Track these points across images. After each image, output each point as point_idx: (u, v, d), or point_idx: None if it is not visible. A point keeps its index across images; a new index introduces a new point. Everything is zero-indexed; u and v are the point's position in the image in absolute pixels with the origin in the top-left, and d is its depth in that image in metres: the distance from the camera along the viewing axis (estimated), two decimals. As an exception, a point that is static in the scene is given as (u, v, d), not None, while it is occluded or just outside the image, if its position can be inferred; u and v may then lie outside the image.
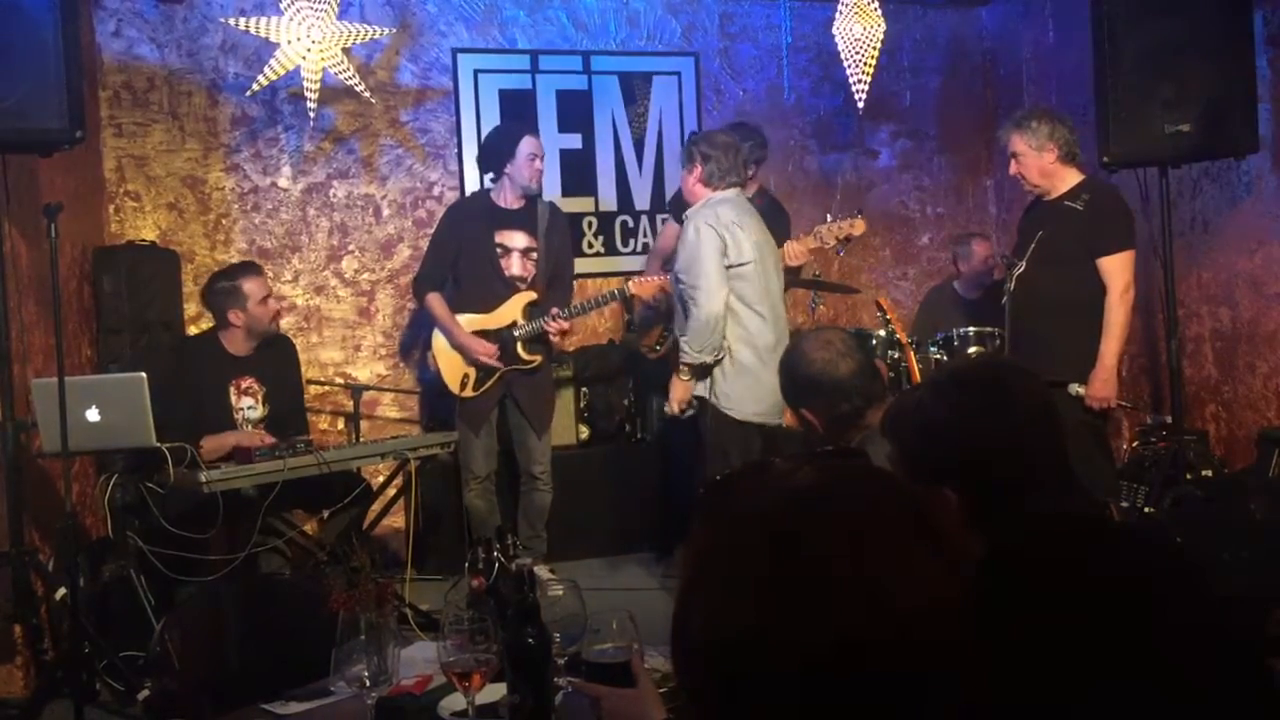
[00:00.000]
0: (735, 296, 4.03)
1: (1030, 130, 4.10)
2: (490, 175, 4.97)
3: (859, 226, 4.64)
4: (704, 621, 0.87)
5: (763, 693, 0.83)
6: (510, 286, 4.79)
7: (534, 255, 4.81)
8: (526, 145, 4.74)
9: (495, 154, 4.85)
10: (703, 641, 0.87)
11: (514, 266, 4.80)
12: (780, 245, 4.48)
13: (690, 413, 4.19)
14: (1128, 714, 1.31)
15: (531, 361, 4.77)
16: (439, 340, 4.81)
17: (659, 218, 5.92)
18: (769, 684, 0.83)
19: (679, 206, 5.47)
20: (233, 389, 4.45)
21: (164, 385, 4.30)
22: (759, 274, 4.06)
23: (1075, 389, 3.95)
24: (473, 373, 4.75)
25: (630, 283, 4.88)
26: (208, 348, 4.50)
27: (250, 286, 4.42)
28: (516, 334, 4.74)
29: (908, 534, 0.86)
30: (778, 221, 4.81)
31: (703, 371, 4.10)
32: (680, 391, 4.16)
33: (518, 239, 4.80)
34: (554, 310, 4.72)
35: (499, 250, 4.78)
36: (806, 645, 0.82)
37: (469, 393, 4.77)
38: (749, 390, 4.03)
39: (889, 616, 0.82)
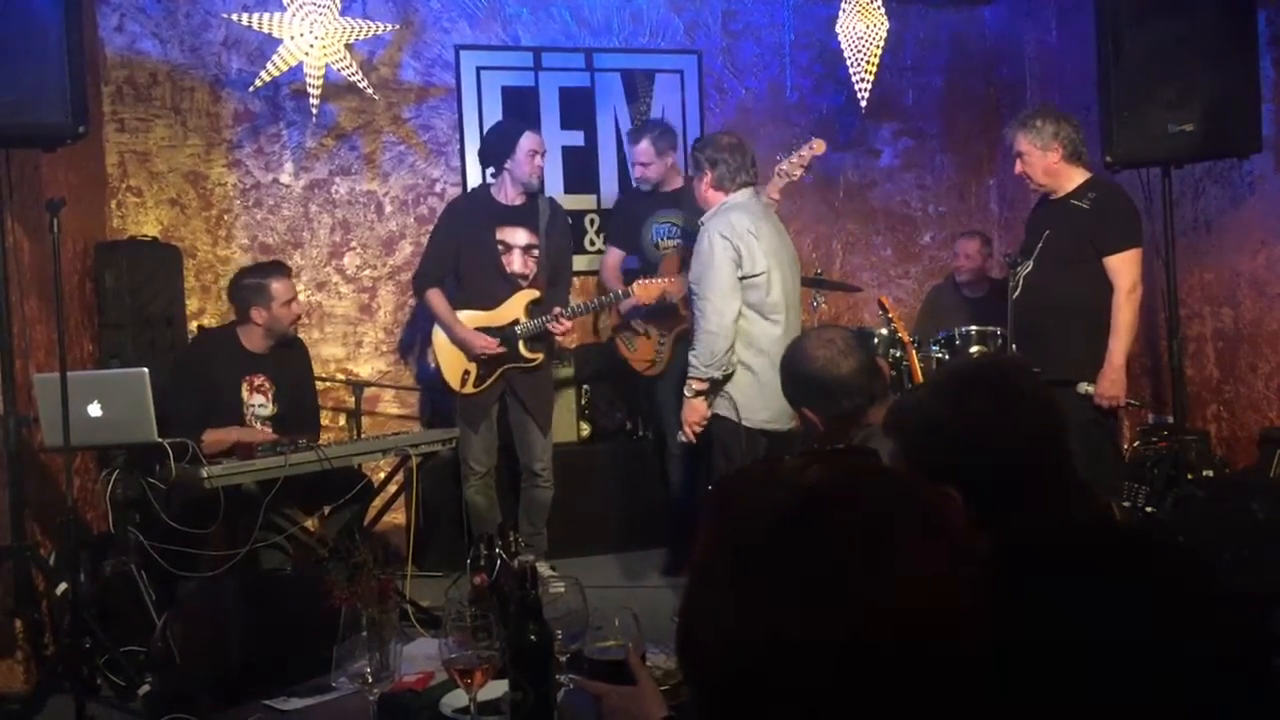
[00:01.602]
0: (749, 306, 3.99)
1: (1035, 130, 4.09)
2: (491, 171, 4.97)
3: (819, 146, 4.60)
4: (711, 619, 0.87)
5: (770, 691, 0.83)
6: (512, 284, 4.78)
7: (535, 252, 4.81)
8: (527, 141, 4.73)
9: (496, 150, 4.84)
10: (710, 639, 0.87)
11: (515, 264, 4.79)
12: None
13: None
14: (1131, 715, 1.31)
15: (533, 360, 4.77)
16: (439, 336, 4.81)
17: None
18: (776, 682, 0.83)
19: (618, 229, 5.45)
20: (245, 385, 4.46)
21: (175, 376, 4.33)
22: (775, 281, 4.02)
23: (1084, 388, 3.95)
24: (473, 369, 4.75)
25: (635, 284, 4.87)
26: (225, 342, 4.52)
27: (278, 287, 4.45)
28: (519, 331, 4.73)
29: (916, 532, 0.86)
30: None
31: (712, 387, 4.04)
32: (692, 413, 4.02)
33: (519, 236, 4.79)
34: (557, 310, 4.72)
35: (500, 247, 4.77)
36: (814, 643, 0.82)
37: (469, 389, 4.76)
38: (760, 398, 3.99)
39: (897, 614, 0.82)
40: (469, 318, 4.75)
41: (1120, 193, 4.17)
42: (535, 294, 4.79)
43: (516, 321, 4.75)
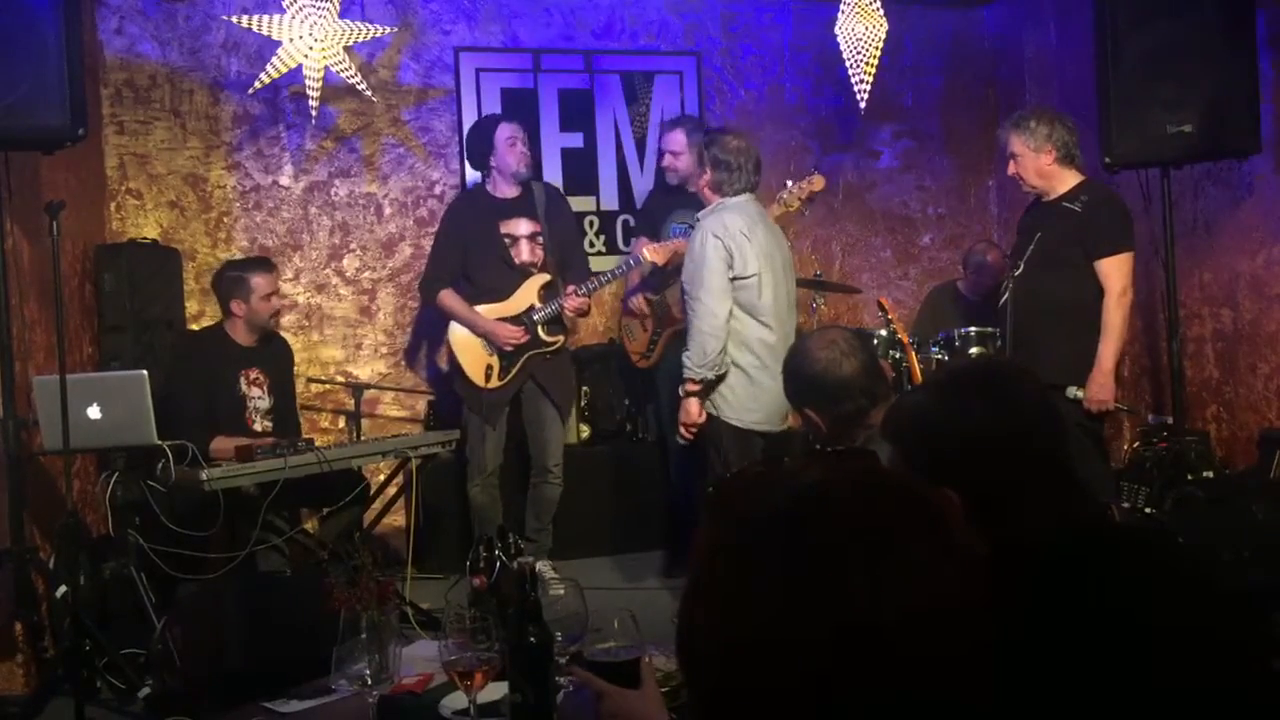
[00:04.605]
0: (740, 307, 3.99)
1: (1028, 131, 4.07)
2: (482, 174, 4.97)
3: (818, 182, 4.64)
4: (712, 621, 0.87)
5: (770, 693, 0.83)
6: (523, 274, 4.81)
7: (540, 239, 4.84)
8: (503, 131, 4.78)
9: (477, 149, 4.89)
10: (710, 641, 0.86)
11: (524, 253, 4.82)
12: None
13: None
14: (1132, 715, 1.31)
15: (554, 343, 4.80)
16: (457, 334, 4.80)
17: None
18: (776, 685, 0.83)
19: (643, 224, 5.49)
20: (243, 379, 4.49)
21: (173, 378, 4.34)
22: (766, 284, 4.02)
23: (1073, 392, 3.92)
24: (496, 363, 4.76)
25: (646, 248, 4.88)
26: (216, 340, 4.55)
27: (258, 281, 4.48)
28: (535, 317, 4.75)
29: (918, 534, 0.86)
30: None
31: (707, 388, 4.04)
32: (687, 414, 4.01)
33: (522, 226, 4.82)
34: (570, 288, 4.73)
35: (506, 240, 4.79)
36: (815, 645, 0.82)
37: (494, 384, 4.76)
38: (752, 398, 3.99)
39: (899, 617, 0.82)
40: (485, 311, 4.77)
41: (1113, 196, 4.14)
42: (546, 277, 4.82)
43: (532, 308, 4.78)
